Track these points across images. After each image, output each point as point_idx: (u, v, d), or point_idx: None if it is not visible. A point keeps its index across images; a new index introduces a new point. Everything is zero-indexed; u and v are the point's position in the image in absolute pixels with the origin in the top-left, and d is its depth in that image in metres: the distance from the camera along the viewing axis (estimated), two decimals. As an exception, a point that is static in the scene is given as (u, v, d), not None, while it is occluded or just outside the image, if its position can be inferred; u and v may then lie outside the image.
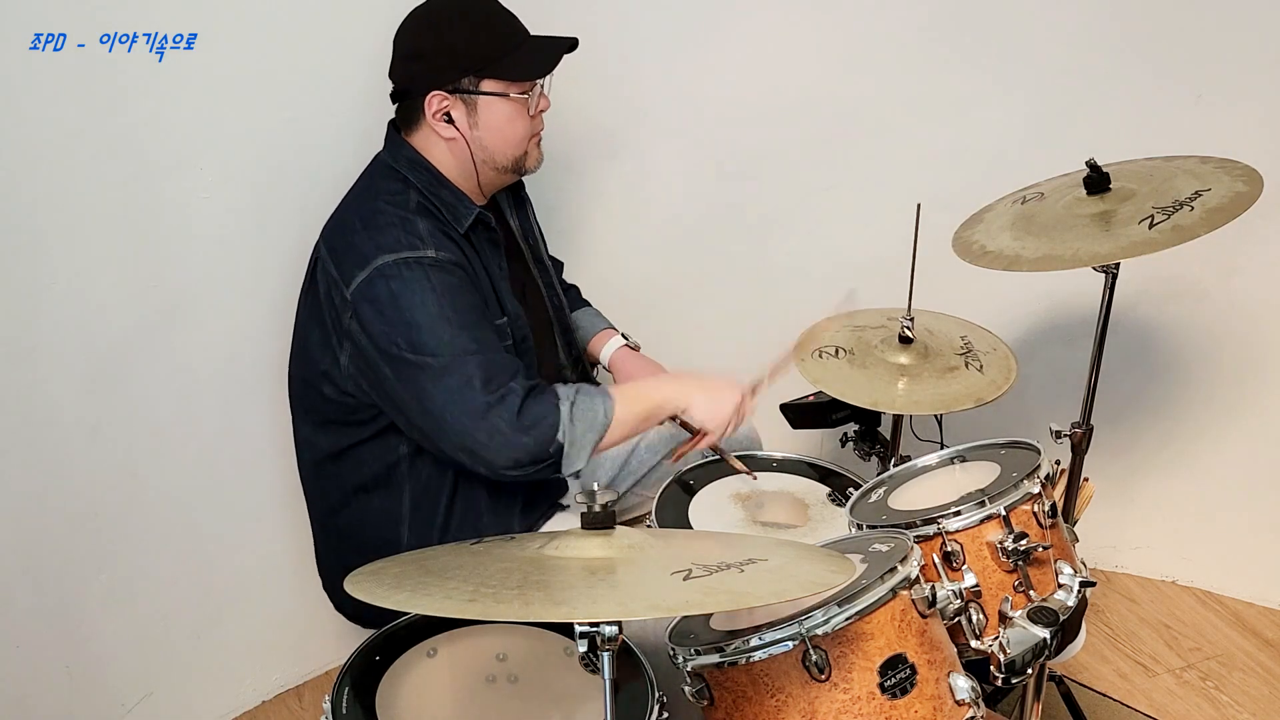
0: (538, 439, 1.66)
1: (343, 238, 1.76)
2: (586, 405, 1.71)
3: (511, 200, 1.99)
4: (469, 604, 1.11)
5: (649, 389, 1.83)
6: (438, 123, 1.75)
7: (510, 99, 1.76)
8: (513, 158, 1.82)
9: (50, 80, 1.72)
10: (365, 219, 1.74)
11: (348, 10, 1.94)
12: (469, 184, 1.82)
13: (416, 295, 1.66)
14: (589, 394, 1.74)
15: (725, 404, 1.81)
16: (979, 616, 1.52)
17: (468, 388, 1.64)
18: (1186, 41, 2.25)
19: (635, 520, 2.12)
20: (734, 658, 1.35)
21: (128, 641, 2.10)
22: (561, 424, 1.67)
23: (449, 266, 1.70)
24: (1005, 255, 1.78)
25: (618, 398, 1.75)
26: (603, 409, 1.72)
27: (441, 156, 1.79)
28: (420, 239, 1.70)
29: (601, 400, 1.73)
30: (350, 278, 1.69)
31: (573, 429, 1.68)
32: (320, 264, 1.78)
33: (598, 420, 1.71)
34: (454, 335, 1.66)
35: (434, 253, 1.69)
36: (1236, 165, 1.78)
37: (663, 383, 1.86)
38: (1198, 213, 1.68)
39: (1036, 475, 1.61)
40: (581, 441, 1.69)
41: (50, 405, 1.88)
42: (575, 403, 1.70)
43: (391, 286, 1.67)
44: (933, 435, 2.09)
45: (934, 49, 2.32)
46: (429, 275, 1.68)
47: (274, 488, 2.16)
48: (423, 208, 1.75)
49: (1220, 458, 2.54)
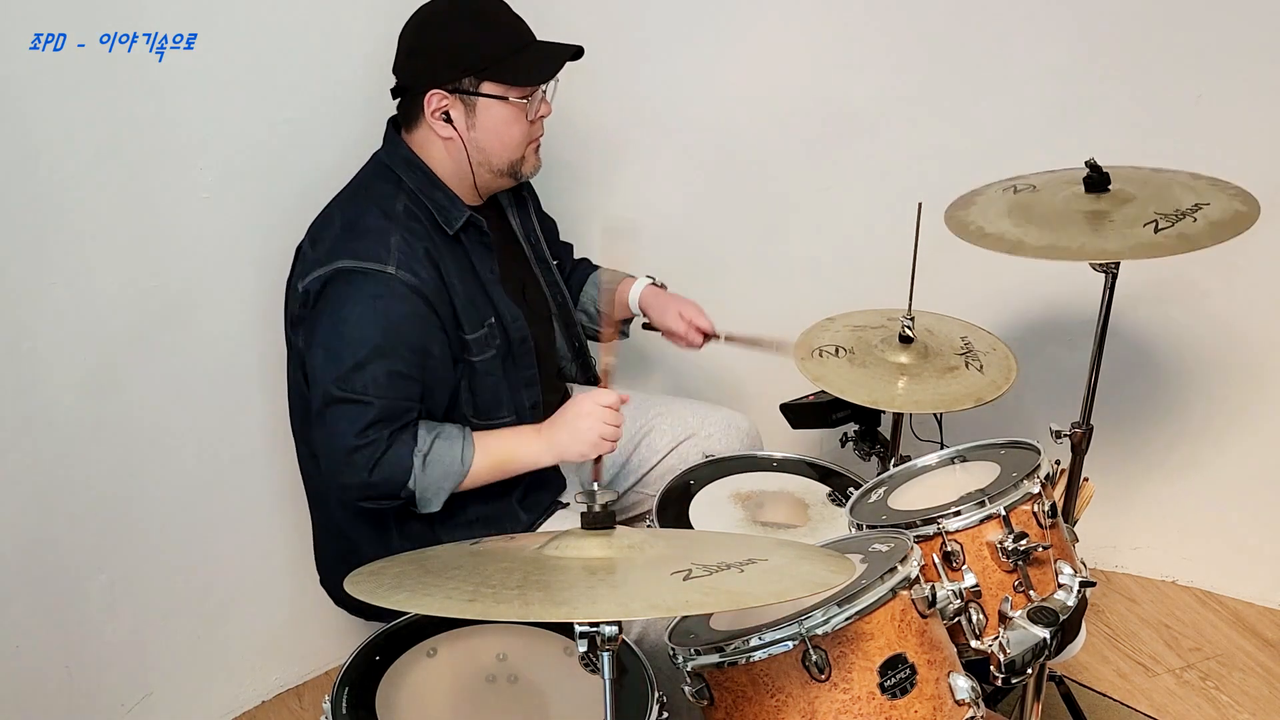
0: (390, 485, 1.72)
1: (323, 231, 1.78)
2: (441, 453, 1.74)
3: (512, 199, 1.99)
4: (469, 604, 1.11)
5: (509, 442, 1.81)
6: (436, 121, 1.75)
7: (509, 103, 1.75)
8: (509, 161, 1.81)
9: (50, 80, 1.72)
10: (348, 219, 1.76)
11: (347, 10, 1.94)
12: (464, 185, 1.82)
13: (356, 312, 1.68)
14: (449, 439, 1.76)
15: (583, 428, 1.77)
16: (979, 616, 1.52)
17: (348, 427, 1.69)
18: (1186, 41, 2.25)
19: (635, 520, 2.12)
20: (734, 658, 1.35)
21: (128, 641, 2.10)
22: (413, 473, 1.72)
23: (405, 290, 1.69)
24: (1008, 239, 1.77)
25: (479, 447, 1.77)
26: (458, 457, 1.75)
27: (438, 156, 1.79)
28: (387, 251, 1.70)
29: (460, 448, 1.76)
30: (310, 271, 1.72)
31: (424, 478, 1.73)
32: (301, 253, 1.80)
33: (452, 469, 1.75)
34: (369, 368, 1.68)
35: (394, 270, 1.69)
36: (1228, 186, 1.79)
37: (524, 435, 1.83)
38: (1201, 225, 1.68)
39: (1036, 475, 1.61)
40: (433, 489, 1.74)
41: (50, 405, 1.88)
42: (429, 452, 1.73)
43: (341, 292, 1.69)
44: (933, 435, 2.09)
45: (934, 49, 2.32)
46: (380, 294, 1.68)
47: (274, 487, 2.16)
48: (409, 212, 1.76)
49: (1220, 458, 2.54)
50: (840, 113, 2.35)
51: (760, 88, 2.32)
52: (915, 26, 2.30)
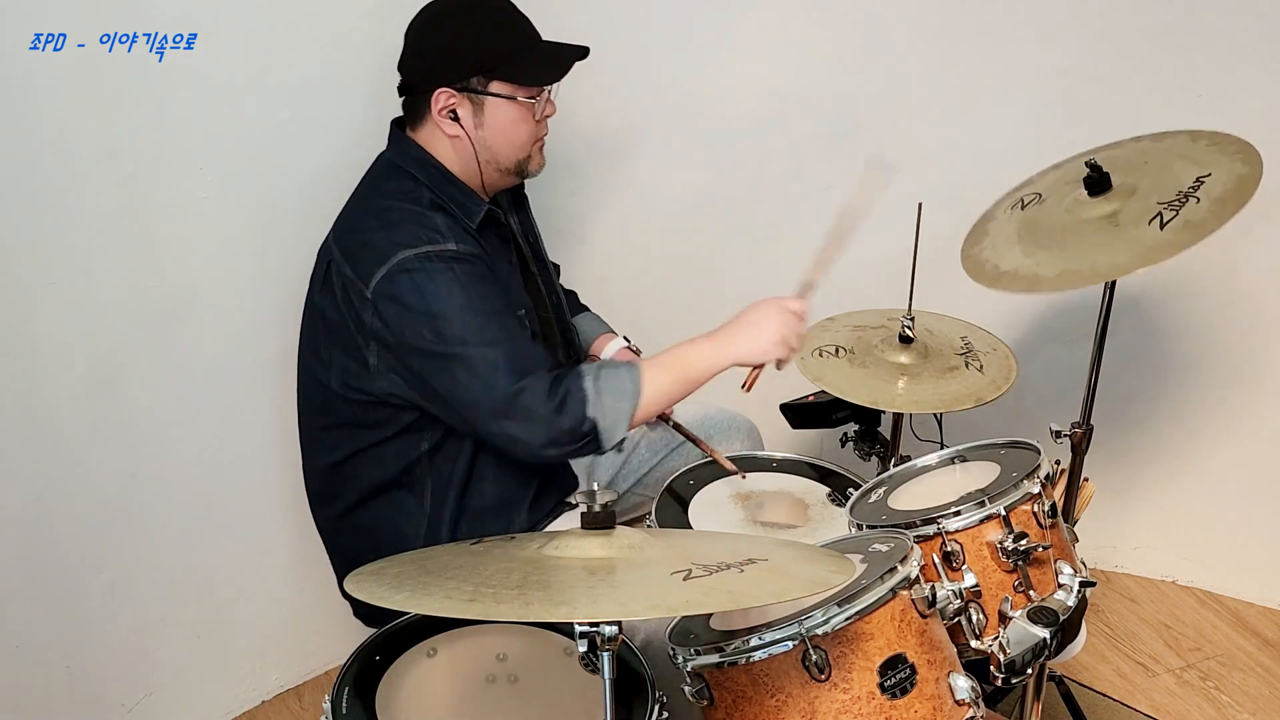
0: (571, 416, 1.66)
1: (357, 237, 1.74)
2: (611, 378, 1.70)
3: (510, 199, 1.99)
4: (469, 604, 1.11)
5: (681, 351, 1.77)
6: (443, 120, 1.75)
7: (518, 102, 1.75)
8: (516, 160, 1.82)
9: (50, 80, 1.72)
10: (379, 217, 1.74)
11: (348, 10, 1.94)
12: (473, 182, 1.82)
13: (441, 287, 1.66)
14: (614, 367, 1.74)
15: (768, 330, 1.75)
16: (979, 616, 1.52)
17: (496, 374, 1.65)
18: (1186, 41, 2.25)
19: (635, 520, 2.12)
20: (734, 658, 1.35)
21: (128, 641, 2.10)
22: (589, 399, 1.67)
23: (471, 259, 1.70)
24: (1024, 276, 1.74)
25: (646, 366, 1.74)
26: (629, 379, 1.70)
27: (446, 154, 1.79)
28: (439, 233, 1.69)
29: (627, 371, 1.72)
30: (369, 275, 1.68)
31: (600, 403, 1.67)
32: (334, 266, 1.76)
33: (626, 390, 1.70)
34: (482, 324, 1.66)
35: (455, 245, 1.69)
36: (1229, 140, 1.75)
37: (696, 342, 1.78)
38: (1205, 204, 1.64)
39: (1036, 475, 1.61)
40: (614, 413, 1.68)
41: (50, 405, 1.88)
42: (599, 377, 1.69)
43: (415, 280, 1.66)
44: (933, 435, 2.09)
45: (934, 49, 2.32)
46: (452, 267, 1.67)
47: (274, 487, 2.16)
48: (435, 204, 1.75)
49: (1220, 457, 2.54)
50: (841, 112, 2.35)
51: (760, 87, 2.32)
52: (916, 26, 2.30)
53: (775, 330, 1.74)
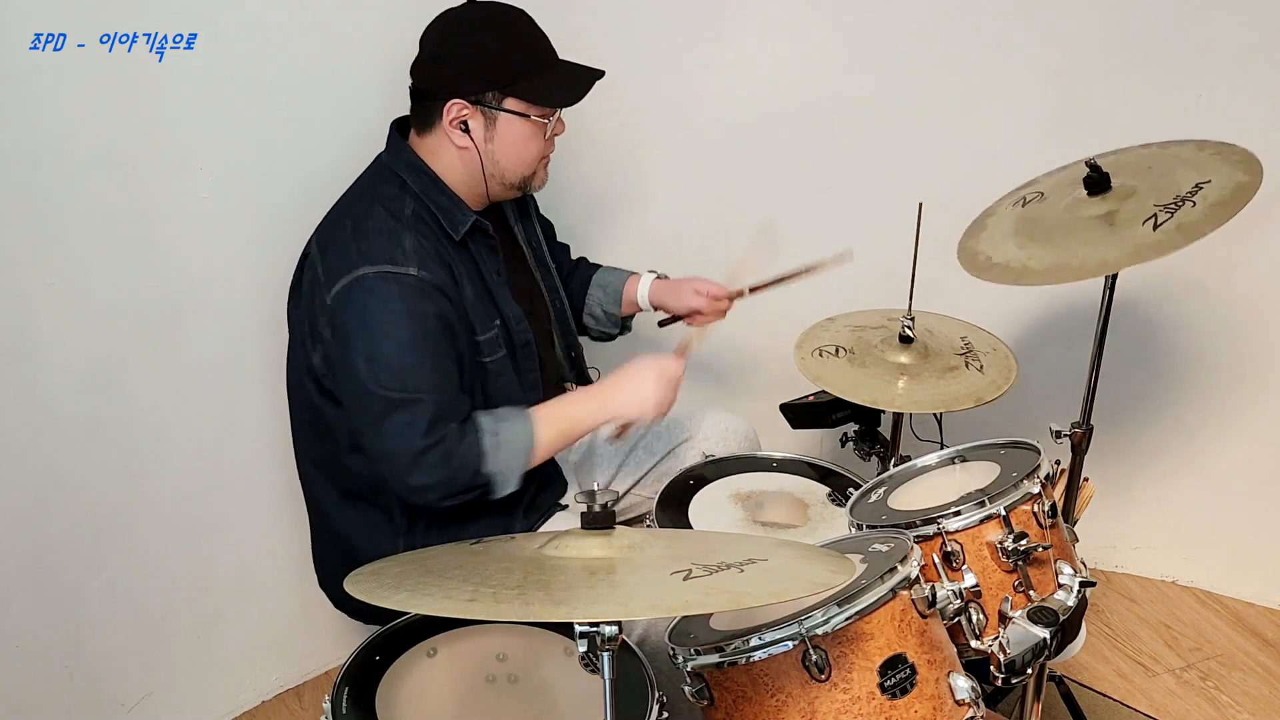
0: (468, 474, 1.70)
1: (332, 238, 1.76)
2: (510, 433, 1.74)
3: (515, 204, 1.99)
4: (469, 604, 1.11)
5: (568, 408, 1.82)
6: (453, 130, 1.75)
7: (530, 120, 1.75)
8: (522, 176, 1.82)
9: (50, 80, 1.72)
10: (357, 223, 1.74)
11: (347, 10, 1.94)
12: (473, 193, 1.82)
13: (389, 315, 1.67)
14: (511, 421, 1.76)
15: (645, 389, 1.79)
16: (979, 616, 1.52)
17: (411, 429, 1.67)
18: (1186, 41, 2.25)
19: (635, 520, 2.12)
20: (734, 658, 1.35)
21: (128, 641, 2.10)
22: (486, 456, 1.71)
23: (428, 289, 1.69)
24: (1013, 268, 1.76)
25: (539, 421, 1.77)
26: (524, 434, 1.75)
27: (449, 162, 1.79)
28: (405, 254, 1.69)
29: (523, 425, 1.76)
30: (333, 282, 1.70)
31: (498, 459, 1.72)
32: (309, 261, 1.78)
33: (521, 446, 1.75)
34: (414, 366, 1.67)
35: (415, 271, 1.68)
36: (1234, 150, 1.76)
37: (581, 400, 1.85)
38: (1200, 209, 1.66)
39: (1036, 475, 1.61)
40: (508, 469, 1.73)
41: (50, 405, 1.88)
42: (499, 433, 1.73)
43: (367, 301, 1.67)
44: (933, 435, 2.09)
45: (934, 49, 2.32)
46: (405, 295, 1.67)
47: (274, 488, 2.16)
48: (417, 216, 1.75)
49: (1220, 458, 2.54)
50: (841, 112, 2.35)
51: (761, 87, 2.32)
52: (916, 26, 2.30)
53: (653, 393, 1.79)
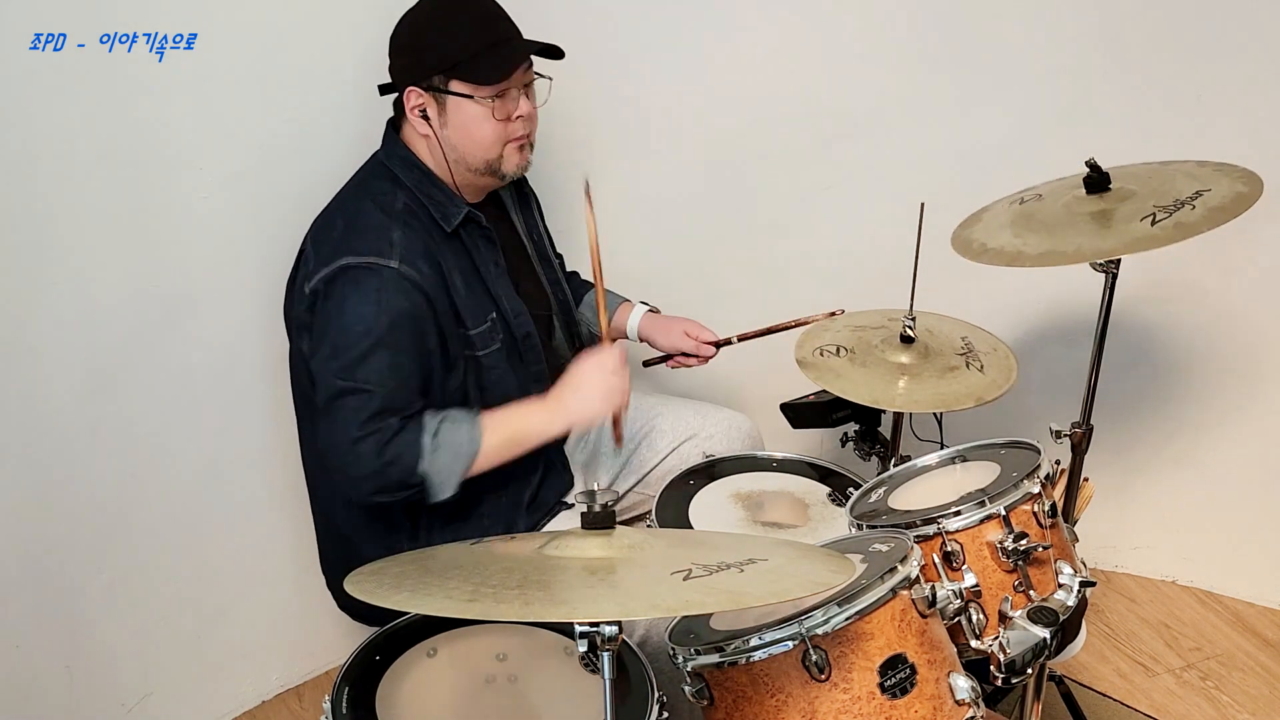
0: (401, 470, 1.69)
1: (325, 232, 1.78)
2: (451, 434, 1.72)
3: (515, 196, 2.00)
4: (469, 604, 1.11)
5: (518, 418, 1.80)
6: (415, 119, 1.78)
7: (476, 101, 1.75)
8: (484, 160, 1.80)
9: (50, 80, 1.72)
10: (349, 217, 1.76)
11: (347, 11, 1.94)
12: (459, 182, 1.83)
13: (361, 306, 1.68)
14: (455, 421, 1.74)
15: (591, 391, 1.78)
16: (979, 616, 1.52)
17: (353, 417, 1.67)
18: (1186, 41, 2.25)
19: (635, 521, 2.12)
20: (734, 658, 1.35)
21: (128, 641, 2.10)
22: (424, 455, 1.69)
23: (408, 285, 1.70)
24: (1007, 252, 1.77)
25: (486, 428, 1.75)
26: (467, 436, 1.73)
27: (424, 153, 1.81)
28: (390, 246, 1.70)
29: (467, 427, 1.74)
30: (317, 270, 1.72)
31: (435, 458, 1.70)
32: (303, 256, 1.80)
33: (462, 449, 1.72)
34: (371, 358, 1.67)
35: (397, 264, 1.69)
36: (1235, 168, 1.78)
37: (531, 408, 1.82)
38: (1199, 211, 1.67)
39: (1036, 475, 1.61)
40: (445, 471, 1.71)
41: (50, 405, 1.88)
42: (439, 433, 1.71)
43: (345, 289, 1.69)
44: (933, 435, 2.09)
45: (934, 49, 2.32)
46: (383, 287, 1.68)
47: (274, 487, 2.16)
48: (408, 209, 1.76)
49: (1220, 457, 2.54)
50: (841, 112, 2.35)
51: (761, 87, 2.32)
52: (916, 26, 2.30)
53: (597, 390, 1.78)
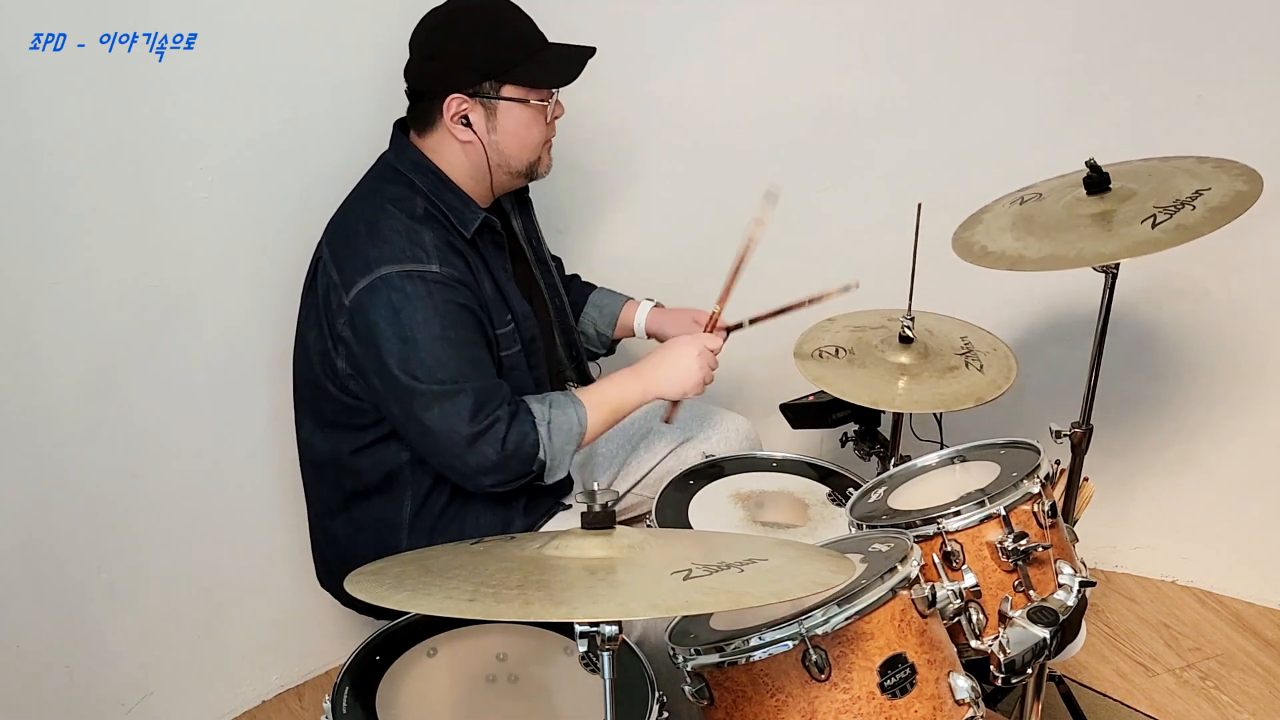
0: (522, 460, 1.73)
1: (346, 241, 1.75)
2: (561, 419, 1.77)
3: (515, 201, 1.99)
4: (469, 604, 1.11)
5: (613, 390, 1.86)
6: (455, 125, 1.75)
7: (530, 105, 1.76)
8: (527, 163, 1.82)
9: (50, 80, 1.72)
10: (370, 224, 1.74)
11: (348, 11, 1.94)
12: (478, 187, 1.82)
13: (418, 312, 1.67)
14: (561, 406, 1.78)
15: (688, 369, 1.85)
16: (979, 616, 1.52)
17: (457, 418, 1.68)
18: (1186, 41, 2.25)
19: (635, 520, 2.12)
20: (734, 657, 1.35)
21: (128, 641, 2.10)
22: (542, 443, 1.74)
23: (452, 283, 1.70)
24: (1008, 255, 1.77)
25: (588, 405, 1.81)
26: (576, 419, 1.78)
27: (454, 159, 1.79)
28: (425, 251, 1.69)
29: (574, 410, 1.79)
30: (351, 284, 1.69)
31: (552, 445, 1.75)
32: (321, 265, 1.78)
33: (574, 431, 1.78)
34: (449, 359, 1.68)
35: (438, 268, 1.69)
36: (1234, 165, 1.78)
37: (625, 380, 1.87)
38: (1200, 211, 1.67)
39: (1036, 475, 1.61)
40: (562, 453, 1.77)
41: (50, 405, 1.88)
42: (551, 420, 1.76)
43: (393, 299, 1.67)
44: (933, 435, 2.09)
45: (935, 49, 2.32)
46: (431, 292, 1.68)
47: (274, 488, 2.16)
48: (429, 214, 1.75)
49: (1220, 457, 2.54)
50: (841, 113, 2.35)
51: (760, 87, 2.32)
52: (916, 27, 2.30)
53: (697, 370, 1.85)
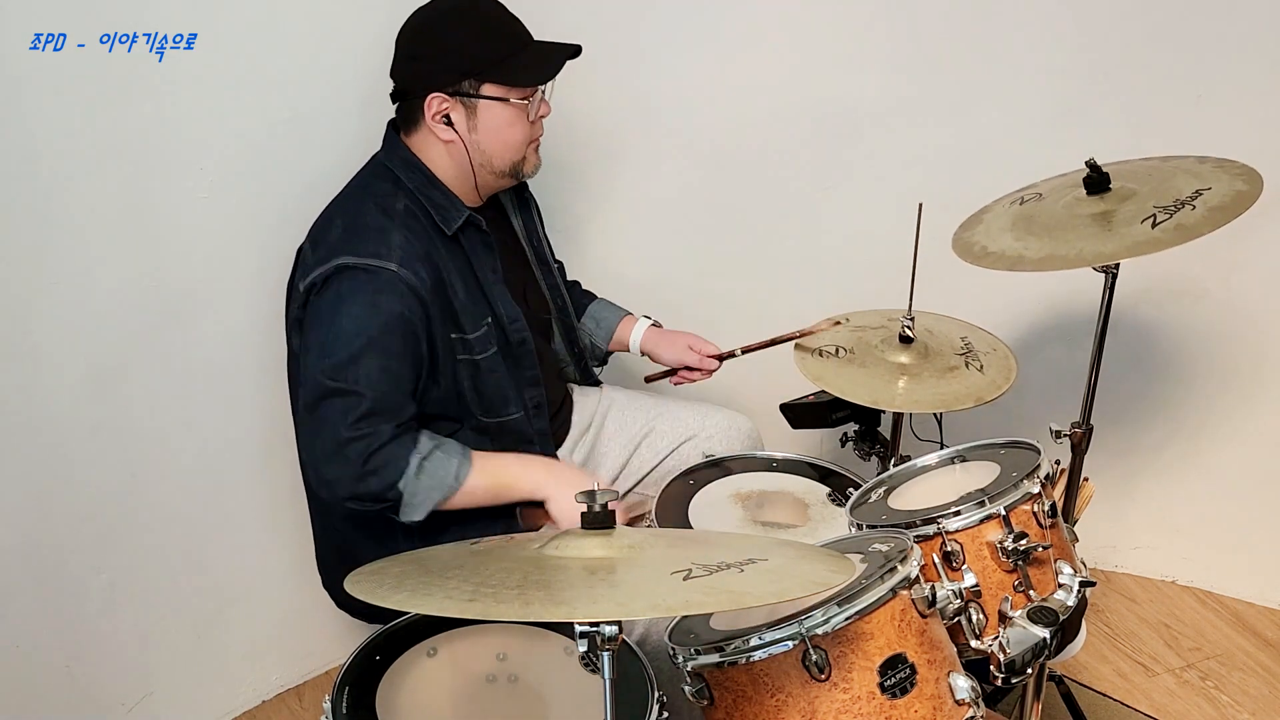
0: (379, 482, 1.68)
1: (324, 232, 1.77)
2: (439, 464, 1.71)
3: (515, 201, 2.00)
4: (469, 604, 1.11)
5: (512, 468, 1.80)
6: (436, 124, 1.75)
7: (510, 104, 1.75)
8: (510, 162, 1.82)
9: (50, 80, 1.72)
10: (348, 219, 1.75)
11: (347, 10, 1.94)
12: (464, 186, 1.82)
13: (357, 305, 1.67)
14: (447, 453, 1.73)
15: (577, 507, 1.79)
16: (979, 616, 1.52)
17: (341, 419, 1.66)
18: (1186, 41, 2.25)
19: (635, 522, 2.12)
20: (734, 657, 1.35)
21: (128, 641, 2.10)
22: (406, 476, 1.68)
23: (401, 288, 1.68)
24: (1008, 256, 1.77)
25: (475, 465, 1.74)
26: (454, 472, 1.72)
27: (438, 158, 1.79)
28: (389, 249, 1.69)
29: (457, 462, 1.73)
30: (313, 269, 1.71)
31: (415, 483, 1.69)
32: (301, 256, 1.81)
33: (445, 481, 1.72)
34: (362, 360, 1.66)
35: (395, 268, 1.68)
36: (1234, 164, 1.78)
37: (531, 466, 1.82)
38: (1200, 211, 1.67)
39: (1036, 475, 1.61)
40: (422, 496, 1.70)
41: (50, 405, 1.88)
42: (428, 457, 1.71)
43: (341, 288, 1.68)
44: (933, 435, 2.09)
45: (935, 49, 2.32)
46: (379, 288, 1.67)
47: (274, 488, 2.16)
48: (409, 212, 1.76)
49: (1220, 457, 2.54)
50: (841, 113, 2.35)
51: (760, 87, 2.32)
52: (916, 26, 2.30)
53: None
